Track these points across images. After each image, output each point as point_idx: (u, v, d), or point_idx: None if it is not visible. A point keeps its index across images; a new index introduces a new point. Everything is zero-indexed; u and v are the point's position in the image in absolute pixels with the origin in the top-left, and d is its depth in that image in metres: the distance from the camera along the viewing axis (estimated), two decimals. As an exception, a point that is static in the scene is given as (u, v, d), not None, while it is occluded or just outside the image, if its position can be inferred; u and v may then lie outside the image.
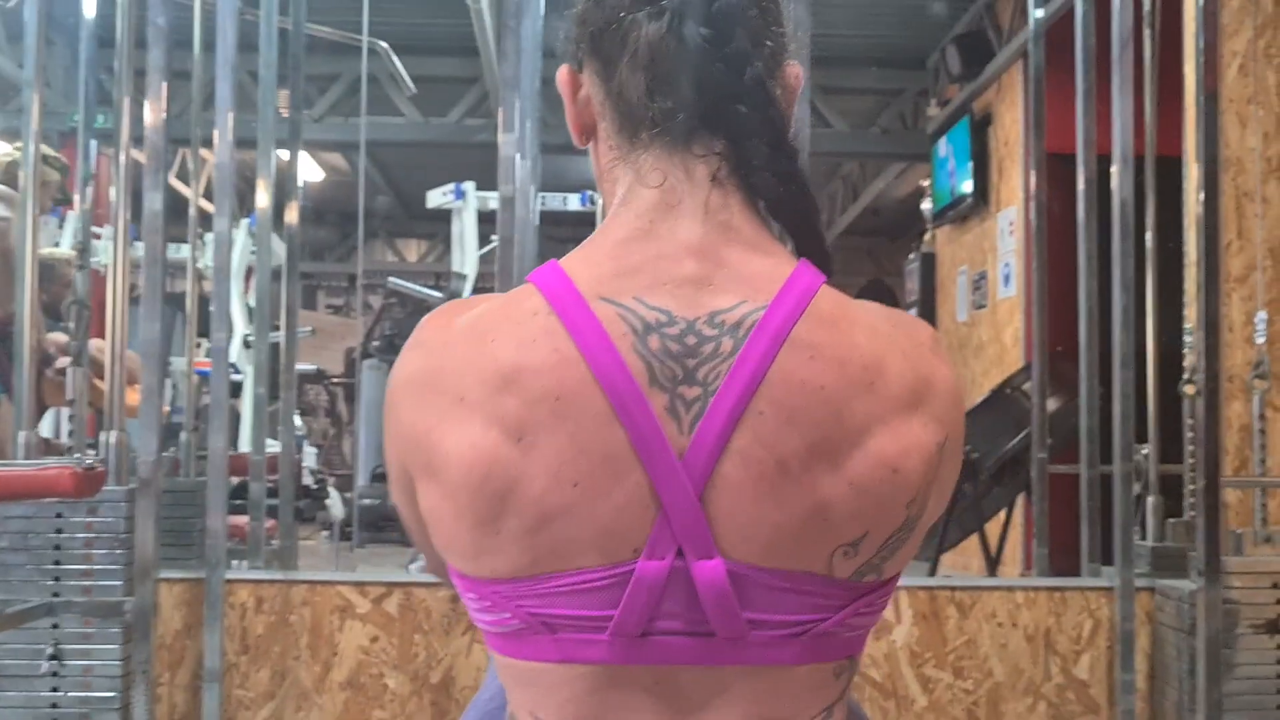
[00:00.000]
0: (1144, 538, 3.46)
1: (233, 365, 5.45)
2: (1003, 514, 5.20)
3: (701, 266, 0.91)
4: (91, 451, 2.99)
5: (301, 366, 5.56)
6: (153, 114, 2.84)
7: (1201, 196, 2.78)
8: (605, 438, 0.87)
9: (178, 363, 5.70)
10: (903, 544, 0.94)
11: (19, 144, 3.10)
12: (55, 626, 2.82)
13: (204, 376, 4.72)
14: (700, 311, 0.90)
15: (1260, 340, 3.31)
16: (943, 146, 7.30)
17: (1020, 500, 5.28)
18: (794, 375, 0.87)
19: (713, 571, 0.87)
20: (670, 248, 0.92)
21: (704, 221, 0.93)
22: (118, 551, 2.81)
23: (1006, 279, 6.39)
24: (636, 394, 0.87)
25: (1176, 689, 3.18)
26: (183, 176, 6.06)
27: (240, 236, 6.59)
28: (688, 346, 0.88)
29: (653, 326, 0.89)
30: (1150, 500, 3.43)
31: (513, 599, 0.91)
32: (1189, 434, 3.21)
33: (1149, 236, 3.46)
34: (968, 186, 6.82)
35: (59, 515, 2.80)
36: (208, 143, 3.52)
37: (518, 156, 3.06)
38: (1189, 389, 3.16)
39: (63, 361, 4.14)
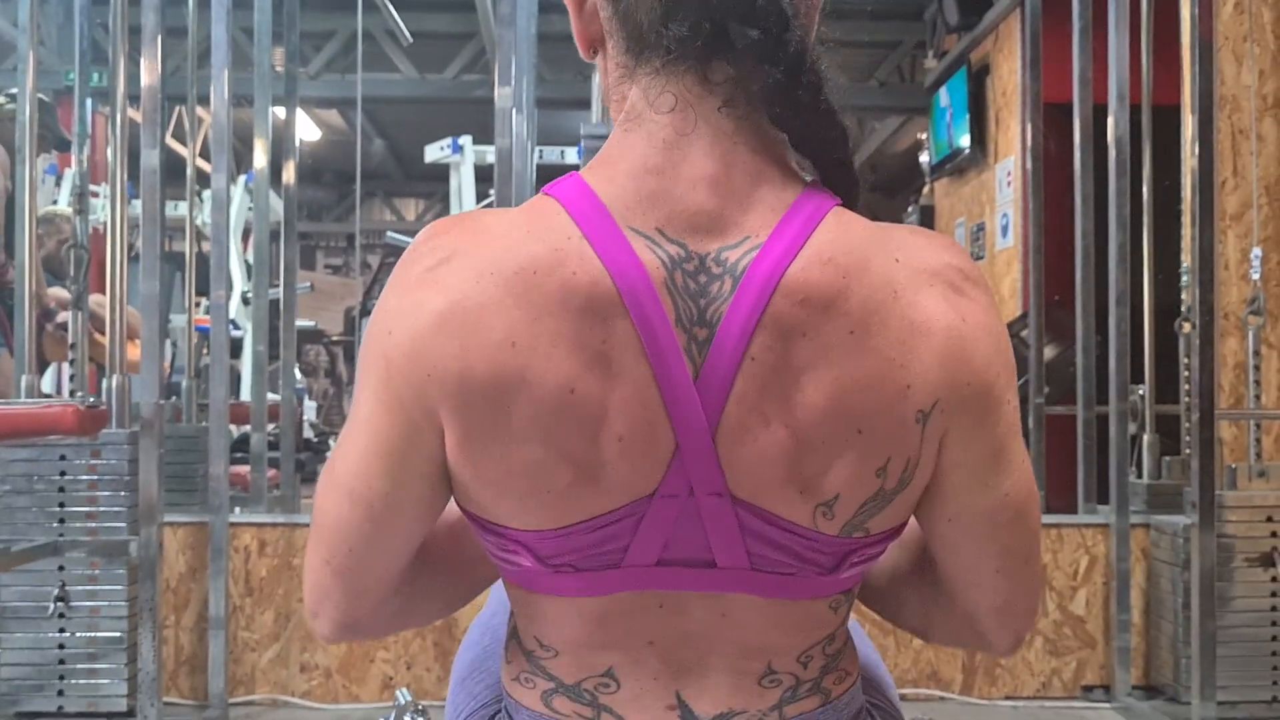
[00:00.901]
0: (1140, 476, 3.49)
1: (232, 322, 5.47)
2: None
3: (713, 197, 0.87)
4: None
5: (300, 323, 5.57)
6: (149, 72, 2.83)
7: (1196, 131, 2.78)
8: (644, 387, 0.85)
9: (177, 320, 5.71)
10: (883, 509, 0.90)
11: (12, 90, 3.09)
12: (61, 569, 2.84)
13: (203, 333, 4.73)
14: (710, 247, 0.86)
15: (1255, 277, 3.31)
16: (940, 98, 7.27)
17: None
18: (781, 321, 0.84)
19: (720, 507, 0.87)
20: (686, 174, 0.88)
21: (715, 149, 0.89)
22: (121, 494, 2.83)
23: (1004, 230, 6.38)
24: (671, 341, 0.84)
25: (1172, 623, 3.21)
26: (178, 135, 6.06)
27: (237, 194, 6.58)
28: (700, 285, 0.86)
29: (677, 262, 0.86)
30: (1146, 438, 3.45)
31: (534, 546, 0.90)
32: (1185, 372, 3.23)
33: (1146, 177, 3.47)
34: (965, 138, 6.80)
35: (62, 458, 2.82)
36: (204, 100, 3.51)
37: (514, 110, 3.06)
38: (1185, 327, 3.18)
39: (64, 316, 4.16)
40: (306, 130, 9.84)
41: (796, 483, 0.86)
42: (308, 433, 5.98)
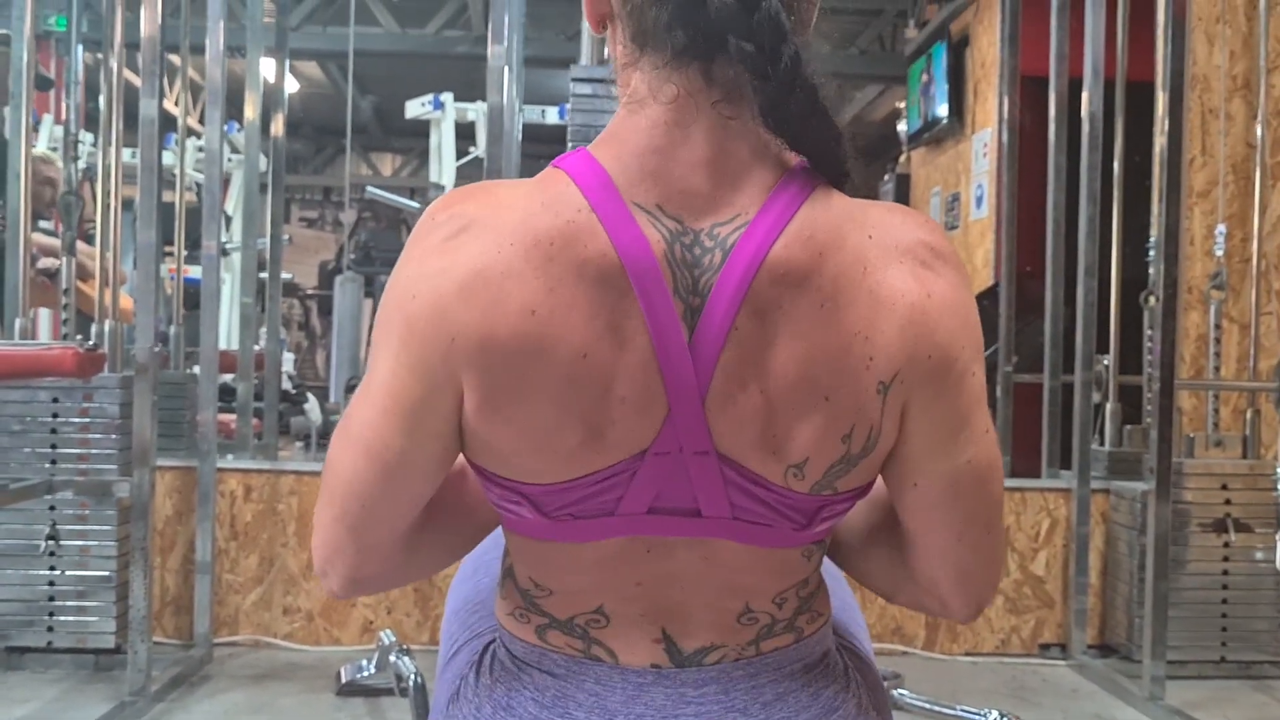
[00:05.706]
0: (1102, 443, 3.59)
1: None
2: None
3: (708, 180, 0.93)
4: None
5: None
6: (148, 22, 2.81)
7: (1166, 108, 2.86)
8: (646, 353, 0.91)
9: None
10: (848, 471, 0.96)
11: (3, 31, 3.11)
12: (52, 508, 2.91)
13: (188, 284, 4.78)
14: (704, 223, 0.92)
15: (1219, 253, 3.40)
16: (920, 68, 7.34)
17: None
18: (763, 295, 0.90)
19: (706, 464, 0.94)
20: (684, 157, 0.93)
21: (712, 137, 0.94)
22: (113, 436, 2.89)
23: (979, 201, 6.47)
24: (670, 310, 0.90)
25: (1127, 584, 3.32)
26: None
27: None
28: (694, 256, 0.91)
29: (675, 236, 0.91)
30: (1109, 407, 3.55)
31: (538, 498, 0.97)
32: (1149, 344, 3.33)
33: (1118, 152, 3.55)
34: (944, 109, 6.87)
35: (55, 400, 2.88)
36: (195, 50, 3.54)
37: (505, 68, 3.10)
38: (1150, 300, 3.28)
39: (45, 262, 4.19)
40: (287, 83, 9.81)
41: (770, 445, 0.93)
42: (285, 384, 6.03)
